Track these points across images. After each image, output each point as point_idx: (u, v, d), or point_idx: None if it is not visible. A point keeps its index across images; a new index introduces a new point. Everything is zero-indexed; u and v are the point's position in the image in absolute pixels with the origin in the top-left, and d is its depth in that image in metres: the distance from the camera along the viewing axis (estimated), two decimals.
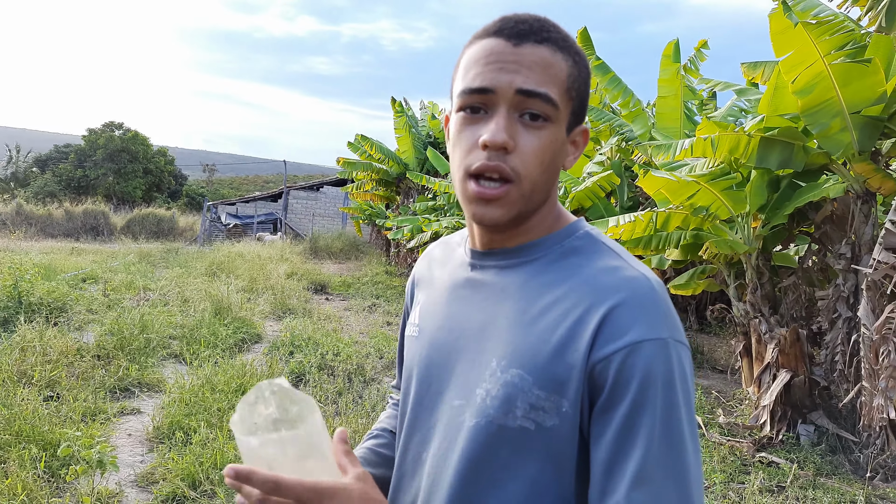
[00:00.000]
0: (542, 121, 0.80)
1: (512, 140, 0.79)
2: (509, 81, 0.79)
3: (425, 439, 0.89)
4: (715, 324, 8.58)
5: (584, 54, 0.86)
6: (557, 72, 0.80)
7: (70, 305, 7.47)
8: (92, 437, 3.54)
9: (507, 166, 0.79)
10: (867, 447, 4.35)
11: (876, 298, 4.35)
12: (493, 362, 0.81)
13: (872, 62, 4.25)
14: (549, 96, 0.79)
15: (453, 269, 0.95)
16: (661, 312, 0.76)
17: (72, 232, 23.07)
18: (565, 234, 0.87)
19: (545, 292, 0.82)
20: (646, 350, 0.73)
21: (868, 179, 4.69)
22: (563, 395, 0.76)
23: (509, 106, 0.79)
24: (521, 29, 0.81)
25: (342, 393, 5.35)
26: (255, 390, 0.76)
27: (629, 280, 0.78)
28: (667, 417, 0.73)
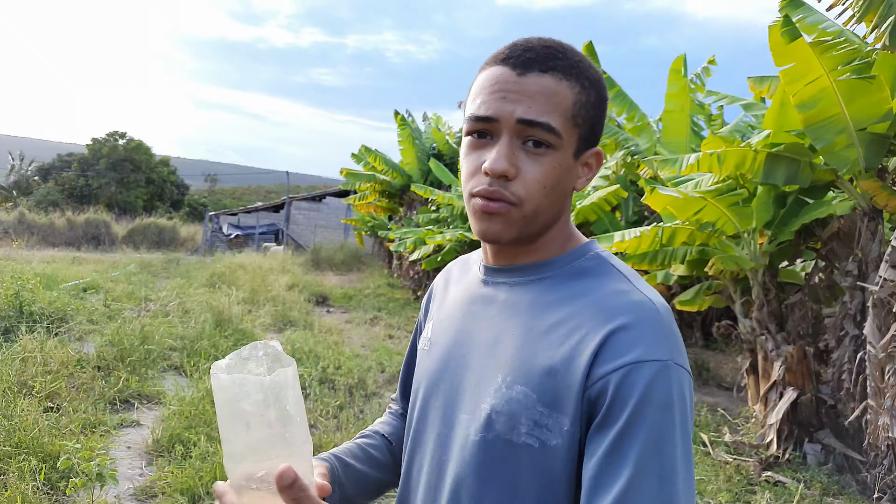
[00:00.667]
0: (544, 148, 0.82)
1: (513, 167, 0.81)
2: (511, 111, 0.81)
3: (428, 451, 0.91)
4: (721, 340, 8.53)
5: (597, 79, 0.86)
6: (561, 100, 0.82)
7: (71, 315, 7.44)
8: (92, 450, 3.50)
9: (508, 192, 0.82)
10: (874, 467, 4.30)
11: (882, 316, 4.32)
12: (500, 378, 0.82)
13: (877, 79, 4.25)
14: (550, 125, 0.81)
15: (467, 285, 0.97)
16: (663, 335, 0.77)
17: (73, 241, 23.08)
18: (576, 254, 0.89)
19: (553, 311, 0.83)
20: (645, 370, 0.74)
21: (874, 196, 4.67)
22: (565, 412, 0.77)
23: (512, 134, 0.82)
24: (527, 57, 0.82)
25: (343, 407, 5.30)
26: (251, 347, 0.78)
27: (635, 303, 0.80)
28: (660, 439, 0.73)
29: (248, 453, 0.75)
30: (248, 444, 0.74)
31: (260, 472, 0.74)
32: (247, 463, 0.75)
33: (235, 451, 0.75)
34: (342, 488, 0.94)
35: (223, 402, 0.75)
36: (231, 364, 0.76)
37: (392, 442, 1.08)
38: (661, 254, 5.65)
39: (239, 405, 0.74)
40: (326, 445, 4.27)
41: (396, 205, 17.88)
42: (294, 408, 0.76)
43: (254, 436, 0.74)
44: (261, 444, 0.74)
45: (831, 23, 4.93)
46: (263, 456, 0.74)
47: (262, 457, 0.74)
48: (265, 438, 0.74)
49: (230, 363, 0.76)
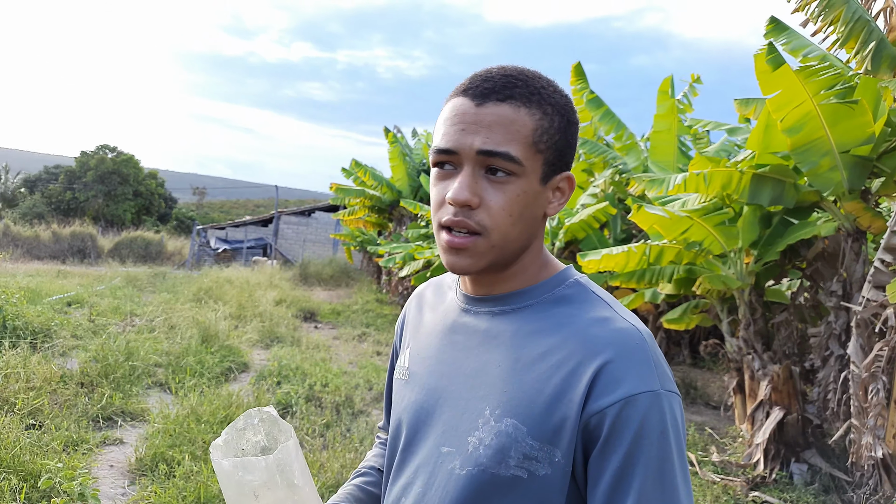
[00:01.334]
0: (506, 176, 0.82)
1: (475, 197, 0.81)
2: (471, 143, 0.81)
3: (407, 485, 0.89)
4: (708, 359, 8.57)
5: (562, 104, 0.86)
6: (520, 128, 0.82)
7: (55, 330, 7.34)
8: (74, 469, 3.45)
9: (472, 221, 0.82)
10: (860, 487, 4.31)
11: (865, 336, 4.37)
12: (487, 410, 0.82)
13: (860, 103, 4.33)
14: (509, 154, 0.81)
15: (445, 312, 0.96)
16: (652, 364, 0.79)
17: (58, 254, 22.84)
18: (556, 281, 0.89)
19: (537, 341, 0.83)
20: (640, 402, 0.76)
21: (858, 218, 4.74)
22: (557, 445, 0.78)
23: (473, 164, 0.82)
24: (485, 88, 0.83)
25: (330, 425, 5.26)
26: (245, 417, 0.77)
27: (620, 332, 0.81)
28: (660, 468, 0.75)
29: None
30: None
31: None
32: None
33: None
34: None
35: (229, 486, 0.74)
36: (228, 440, 0.75)
37: None
38: (649, 272, 5.69)
39: (245, 489, 0.72)
40: (313, 465, 4.23)
41: (386, 220, 17.89)
42: (301, 478, 0.76)
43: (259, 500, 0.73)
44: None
45: (815, 47, 5.03)
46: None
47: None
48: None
49: (227, 438, 0.75)
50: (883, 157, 4.68)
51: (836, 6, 4.43)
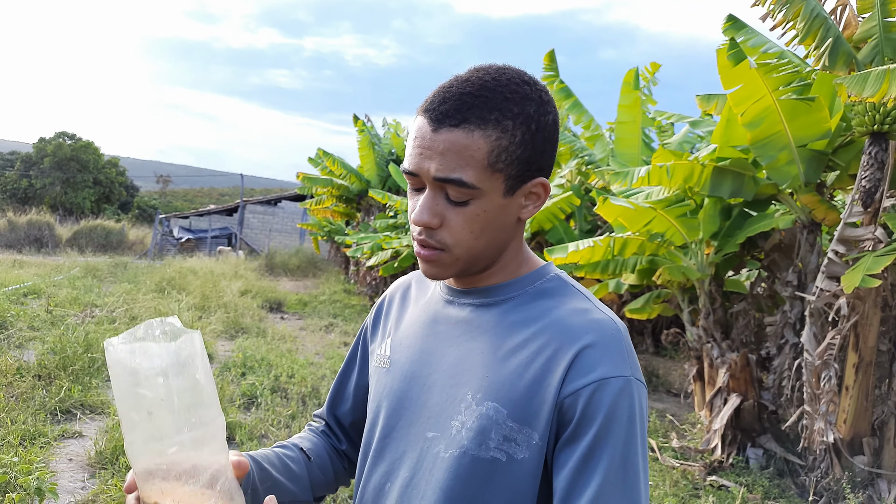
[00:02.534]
0: (465, 198, 0.84)
1: (435, 218, 0.84)
2: (427, 168, 0.83)
3: (391, 471, 0.91)
4: (670, 347, 8.76)
5: (529, 113, 0.84)
6: (474, 152, 0.81)
7: (11, 321, 7.14)
8: (30, 463, 3.37)
9: (434, 240, 0.85)
10: (812, 470, 4.48)
11: (819, 325, 4.52)
12: (469, 395, 0.85)
13: (817, 99, 4.45)
14: (462, 181, 0.82)
15: (428, 304, 0.99)
16: (625, 353, 0.83)
17: (14, 243, 22.13)
18: (536, 276, 0.92)
19: (519, 330, 0.86)
20: (611, 386, 0.79)
21: (813, 210, 4.88)
22: (535, 427, 0.81)
23: (433, 187, 0.84)
24: (441, 111, 0.82)
25: (296, 417, 5.23)
26: (145, 326, 0.71)
27: (597, 322, 0.84)
28: (626, 451, 0.78)
29: (154, 435, 0.68)
30: (155, 425, 0.68)
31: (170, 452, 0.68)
32: (154, 445, 0.68)
33: (140, 434, 0.69)
34: (254, 493, 0.90)
35: (121, 379, 0.68)
36: (125, 341, 0.69)
37: (311, 458, 1.05)
38: (613, 263, 5.78)
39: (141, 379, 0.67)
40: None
41: (354, 210, 17.77)
42: (204, 377, 0.71)
43: (160, 415, 0.67)
44: (168, 424, 0.68)
45: (773, 44, 5.14)
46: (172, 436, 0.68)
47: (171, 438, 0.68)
48: (174, 417, 0.68)
49: (124, 339, 0.70)
50: (838, 152, 4.82)
51: (796, 2, 4.54)
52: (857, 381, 4.48)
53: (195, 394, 0.70)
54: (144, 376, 0.68)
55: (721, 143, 4.99)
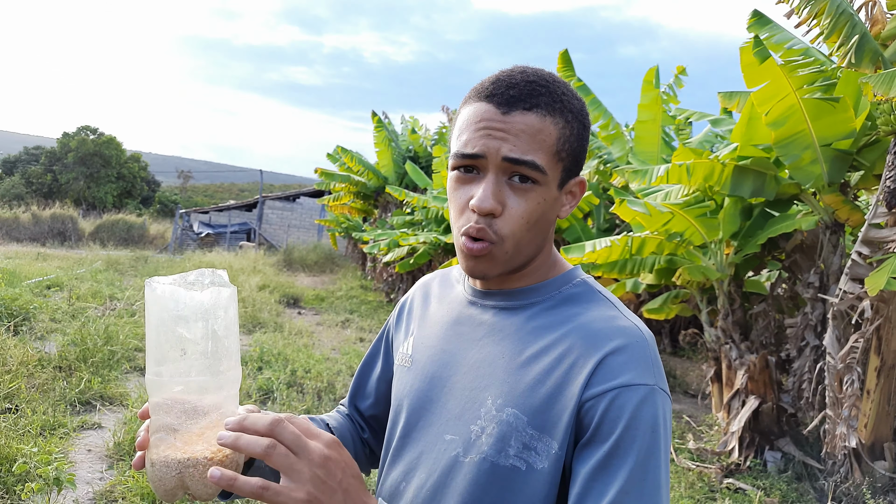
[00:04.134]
0: (530, 183, 0.83)
1: (499, 205, 0.83)
2: (497, 149, 0.82)
3: (408, 471, 0.90)
4: (688, 348, 8.67)
5: (579, 108, 0.87)
6: (545, 137, 0.83)
7: (33, 313, 7.26)
8: (49, 454, 3.42)
9: (492, 230, 0.83)
10: (832, 475, 4.40)
11: (841, 328, 4.44)
12: (489, 400, 0.83)
13: (842, 99, 4.37)
14: (535, 163, 0.82)
15: (452, 304, 0.98)
16: (650, 361, 0.81)
17: (38, 237, 22.52)
18: (563, 280, 0.91)
19: (542, 336, 0.85)
20: (634, 393, 0.77)
21: (837, 211, 4.79)
22: (555, 436, 0.79)
23: (498, 171, 0.83)
24: (511, 95, 0.83)
25: (311, 411, 5.26)
26: (198, 273, 0.77)
27: (623, 329, 0.83)
28: (646, 461, 0.75)
29: (182, 372, 0.73)
30: (185, 364, 0.73)
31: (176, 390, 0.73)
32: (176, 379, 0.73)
33: (168, 368, 0.74)
34: None
35: (164, 315, 0.74)
36: (174, 283, 0.75)
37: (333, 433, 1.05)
38: (631, 262, 5.72)
39: (182, 318, 0.73)
40: None
41: (371, 206, 17.81)
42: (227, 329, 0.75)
43: (192, 356, 0.73)
44: (197, 365, 0.73)
45: (798, 40, 5.05)
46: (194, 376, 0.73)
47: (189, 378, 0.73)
48: (203, 360, 0.73)
49: (174, 281, 0.75)
50: (863, 151, 4.73)
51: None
52: (879, 385, 4.40)
53: (217, 342, 0.75)
54: (186, 316, 0.73)
55: (742, 142, 4.92)
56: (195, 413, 0.73)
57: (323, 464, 0.69)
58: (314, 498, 0.68)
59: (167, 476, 0.72)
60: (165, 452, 0.72)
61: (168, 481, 0.72)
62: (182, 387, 0.73)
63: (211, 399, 0.74)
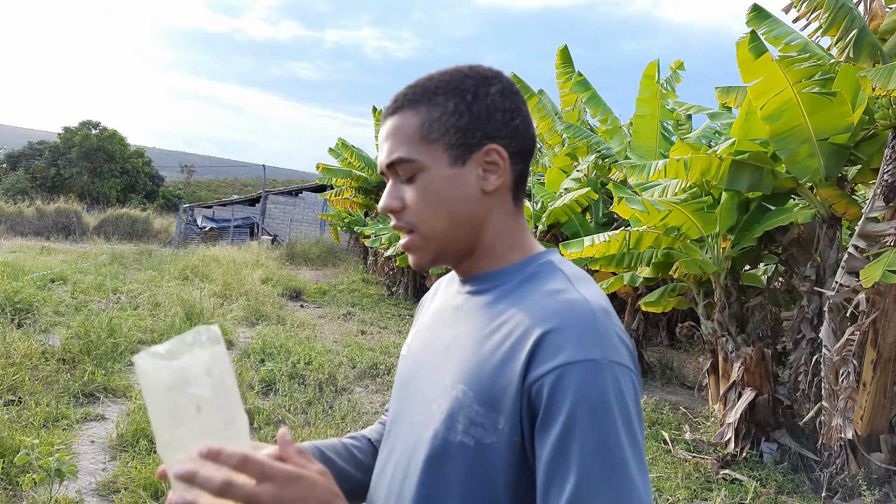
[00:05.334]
0: (411, 176, 0.89)
1: (396, 201, 0.90)
2: (382, 160, 0.91)
3: (391, 451, 0.94)
4: (685, 340, 8.70)
5: (463, 85, 0.88)
6: (406, 130, 0.89)
7: (37, 306, 7.32)
8: (51, 445, 3.47)
9: (402, 223, 0.91)
10: (827, 466, 4.44)
11: (837, 320, 4.46)
12: (447, 379, 0.85)
13: (839, 93, 4.38)
14: (400, 158, 0.88)
15: (446, 296, 1.01)
16: (595, 334, 0.76)
17: (42, 231, 22.63)
18: (529, 262, 0.91)
19: (498, 315, 0.86)
20: (576, 371, 0.74)
21: (834, 205, 4.81)
22: (500, 412, 0.78)
23: (392, 177, 0.91)
24: (388, 108, 0.92)
25: (312, 402, 5.31)
26: (194, 333, 0.75)
27: (567, 303, 0.80)
28: (602, 439, 0.72)
29: (203, 430, 0.72)
30: (203, 420, 0.72)
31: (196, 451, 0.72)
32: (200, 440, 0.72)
33: (186, 430, 0.73)
34: None
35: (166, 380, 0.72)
36: (172, 350, 0.74)
37: (377, 448, 1.07)
38: (628, 256, 5.75)
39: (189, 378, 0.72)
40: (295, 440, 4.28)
41: (372, 201, 17.84)
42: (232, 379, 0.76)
43: (207, 412, 0.72)
44: (214, 420, 0.73)
45: (797, 35, 5.06)
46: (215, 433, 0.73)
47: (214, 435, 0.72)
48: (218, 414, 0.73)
49: (171, 349, 0.74)
50: (860, 145, 4.74)
51: None
52: (875, 377, 4.43)
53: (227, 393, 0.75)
54: (193, 375, 0.73)
55: (740, 137, 4.94)
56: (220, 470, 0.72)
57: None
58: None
59: None
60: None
61: None
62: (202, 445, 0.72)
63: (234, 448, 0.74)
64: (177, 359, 0.73)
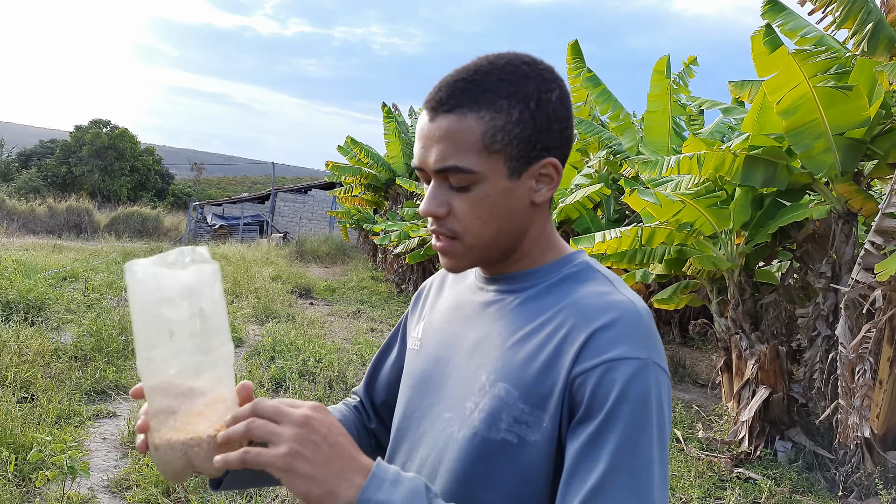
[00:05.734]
0: (466, 184, 0.83)
1: (441, 207, 0.84)
2: (427, 160, 0.84)
3: (411, 450, 0.92)
4: (697, 338, 8.64)
5: (527, 90, 0.83)
6: (468, 136, 0.81)
7: (49, 304, 7.36)
8: (64, 442, 3.48)
9: (444, 229, 0.86)
10: (843, 465, 4.39)
11: (854, 317, 4.40)
12: (483, 377, 0.85)
13: (856, 87, 4.31)
14: (458, 167, 0.81)
15: (462, 290, 1.00)
16: (643, 335, 0.79)
17: (54, 229, 22.80)
18: (563, 262, 0.91)
19: (537, 314, 0.85)
20: (624, 367, 0.76)
21: (850, 200, 4.75)
22: (546, 409, 0.79)
23: (437, 178, 0.85)
24: (436, 99, 0.83)
25: (322, 400, 5.31)
26: (177, 252, 0.75)
27: (615, 304, 0.81)
28: (636, 436, 0.74)
29: (172, 353, 0.72)
30: (175, 345, 0.72)
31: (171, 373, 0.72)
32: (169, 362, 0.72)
33: (159, 352, 0.73)
34: None
35: (147, 298, 0.72)
36: (154, 264, 0.73)
37: None
38: (640, 253, 5.71)
39: (166, 299, 0.71)
40: None
41: (382, 198, 17.85)
42: (213, 306, 0.74)
43: (181, 336, 0.72)
44: (186, 345, 0.72)
45: (812, 28, 4.99)
46: (184, 357, 0.72)
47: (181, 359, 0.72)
48: (192, 339, 0.72)
49: (154, 262, 0.73)
50: (877, 140, 4.67)
51: None
52: (892, 375, 4.37)
53: (205, 320, 0.74)
54: (170, 298, 0.72)
55: (754, 132, 4.88)
56: (192, 393, 0.73)
57: (304, 423, 0.70)
58: (296, 452, 0.69)
59: (173, 458, 0.72)
60: (168, 435, 0.72)
61: (174, 463, 0.72)
62: (175, 369, 0.73)
63: (206, 378, 0.74)
64: (156, 277, 0.72)
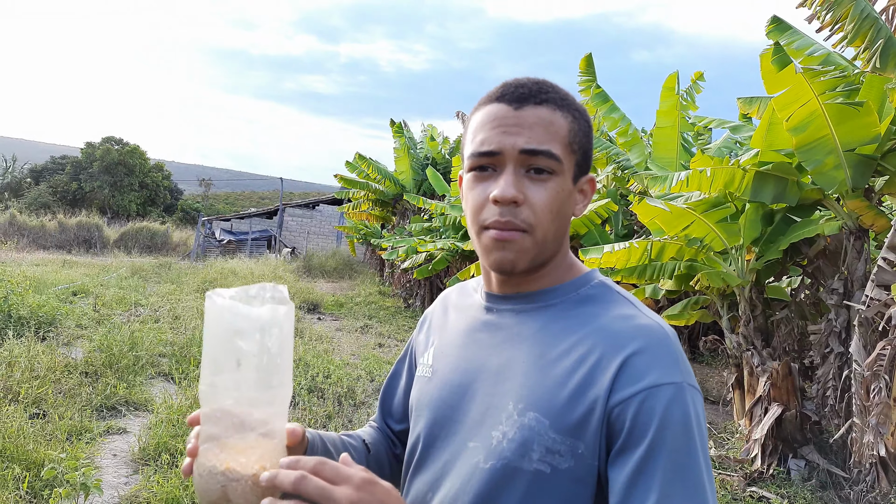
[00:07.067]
0: (547, 174, 0.85)
1: (521, 194, 0.83)
2: (513, 143, 0.84)
3: (434, 481, 0.90)
4: (708, 354, 8.58)
5: (584, 110, 0.91)
6: (558, 129, 0.86)
7: (59, 320, 7.40)
8: (77, 459, 3.49)
9: (518, 220, 0.84)
10: (857, 483, 4.33)
11: (868, 335, 4.37)
12: (510, 405, 0.83)
13: (866, 104, 4.32)
14: (551, 152, 0.84)
15: (469, 313, 0.98)
16: (674, 358, 0.79)
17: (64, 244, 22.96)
18: (581, 282, 0.91)
19: (562, 338, 0.84)
20: (663, 393, 0.76)
21: (861, 216, 4.73)
22: (580, 438, 0.78)
23: (516, 164, 0.84)
24: (521, 93, 0.86)
25: (332, 417, 5.30)
26: (259, 287, 0.77)
27: (644, 328, 0.82)
28: (684, 460, 0.74)
29: (236, 384, 0.74)
30: (240, 376, 0.74)
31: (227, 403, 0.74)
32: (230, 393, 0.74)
33: (222, 380, 0.75)
34: None
35: (222, 326, 0.74)
36: (235, 296, 0.76)
37: (370, 450, 1.06)
38: (650, 268, 5.69)
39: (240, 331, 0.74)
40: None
41: (389, 213, 17.90)
42: (281, 346, 0.76)
43: (246, 368, 0.74)
44: (249, 378, 0.74)
45: (818, 46, 5.00)
46: (246, 390, 0.74)
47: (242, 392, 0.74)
48: (257, 373, 0.74)
49: (234, 294, 0.76)
50: (888, 156, 4.66)
51: (845, 3, 4.41)
52: None
53: (271, 357, 0.76)
54: (244, 329, 0.74)
55: (763, 147, 4.88)
56: (243, 427, 0.74)
57: (363, 485, 0.70)
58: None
59: (212, 486, 0.73)
60: (212, 462, 0.73)
61: (212, 492, 0.73)
62: (234, 399, 0.74)
63: (260, 413, 0.75)
64: (233, 309, 0.74)
